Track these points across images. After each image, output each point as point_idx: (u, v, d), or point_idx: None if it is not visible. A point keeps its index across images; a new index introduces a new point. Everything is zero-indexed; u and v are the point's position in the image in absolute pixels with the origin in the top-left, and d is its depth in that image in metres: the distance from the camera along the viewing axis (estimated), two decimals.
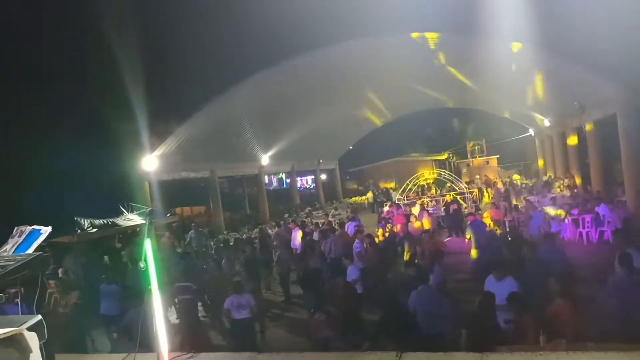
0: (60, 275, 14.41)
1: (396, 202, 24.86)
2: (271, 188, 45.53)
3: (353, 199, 36.12)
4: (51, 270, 15.48)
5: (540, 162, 36.55)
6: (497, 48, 19.32)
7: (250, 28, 17.44)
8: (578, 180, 25.66)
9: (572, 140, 26.59)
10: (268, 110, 24.96)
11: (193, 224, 22.25)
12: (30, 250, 4.30)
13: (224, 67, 19.60)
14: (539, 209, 16.08)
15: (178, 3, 17.64)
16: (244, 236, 20.91)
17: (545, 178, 31.18)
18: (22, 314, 3.75)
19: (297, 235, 16.11)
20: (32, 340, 2.28)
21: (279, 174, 46.30)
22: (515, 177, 35.39)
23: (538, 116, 30.42)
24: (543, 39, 15.82)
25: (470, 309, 6.93)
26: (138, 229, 21.07)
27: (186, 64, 19.16)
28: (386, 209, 21.48)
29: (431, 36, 20.42)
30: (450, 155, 47.59)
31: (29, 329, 2.44)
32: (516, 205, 17.60)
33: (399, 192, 28.13)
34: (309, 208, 30.49)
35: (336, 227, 16.40)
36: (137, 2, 16.10)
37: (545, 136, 33.77)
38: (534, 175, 37.01)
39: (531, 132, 37.65)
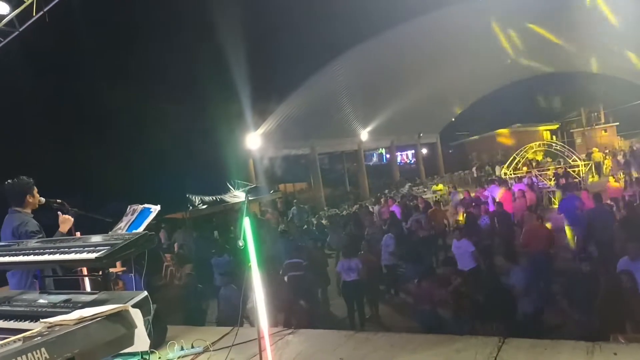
0: (176, 250, 15.50)
1: (501, 176, 23.67)
2: (371, 164, 45.30)
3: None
4: (166, 244, 16.73)
5: None
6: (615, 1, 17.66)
7: (345, 4, 17.25)
8: None
9: None
10: (367, 85, 24.76)
11: (295, 200, 22.81)
12: (142, 228, 4.63)
13: (322, 44, 19.64)
14: None
15: None
16: (344, 212, 21.05)
17: None
18: (135, 286, 4.06)
19: (397, 212, 15.83)
20: (137, 316, 2.43)
21: (379, 149, 45.89)
22: (638, 146, 32.12)
23: None
24: None
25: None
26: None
27: (285, 42, 19.44)
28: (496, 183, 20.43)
29: None
30: (563, 124, 44.12)
31: (136, 305, 2.61)
32: (638, 178, 15.94)
33: (505, 166, 26.73)
34: (409, 184, 29.99)
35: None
36: None
37: None
38: None
39: None
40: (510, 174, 24.05)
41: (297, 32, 18.50)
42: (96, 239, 3.48)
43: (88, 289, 4.05)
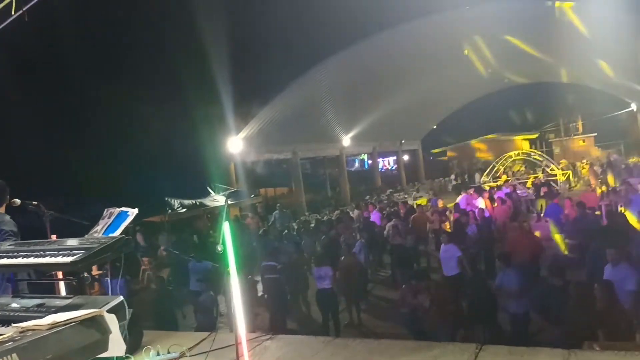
0: (159, 253, 15.30)
1: (481, 184, 23.95)
2: (352, 169, 45.44)
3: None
4: (144, 248, 16.52)
5: None
6: (592, 13, 17.98)
7: (330, 9, 17.35)
8: None
9: None
10: (350, 91, 24.85)
11: (278, 204, 22.71)
12: (119, 231, 4.56)
13: (306, 49, 19.74)
14: None
15: None
16: (325, 218, 21.04)
17: None
18: (112, 290, 4.00)
19: (376, 218, 15.92)
20: (112, 321, 2.39)
21: (361, 155, 46.05)
22: (615, 156, 32.81)
23: None
24: None
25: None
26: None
27: (267, 47, 19.49)
28: (470, 192, 20.66)
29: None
30: (542, 134, 44.79)
31: (111, 309, 2.57)
32: (614, 188, 16.24)
33: (485, 174, 27.08)
34: (390, 190, 30.14)
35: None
36: None
37: None
38: (637, 154, 34.11)
39: (633, 107, 34.58)
40: (490, 182, 24.35)
41: (281, 36, 18.57)
42: (72, 242, 3.42)
43: (63, 293, 3.98)
